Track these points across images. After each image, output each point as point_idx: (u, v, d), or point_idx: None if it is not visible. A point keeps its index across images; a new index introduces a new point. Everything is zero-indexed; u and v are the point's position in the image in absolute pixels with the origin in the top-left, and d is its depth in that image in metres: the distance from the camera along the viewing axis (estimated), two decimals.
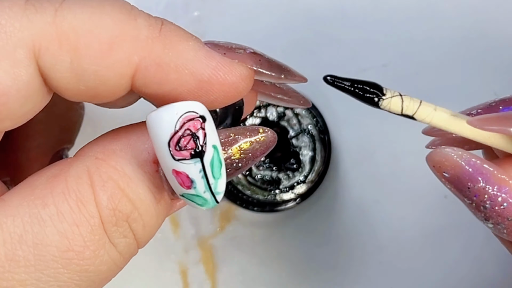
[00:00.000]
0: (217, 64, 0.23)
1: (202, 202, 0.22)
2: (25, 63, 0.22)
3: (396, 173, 0.39)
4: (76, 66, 0.22)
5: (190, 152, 0.21)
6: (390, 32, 0.39)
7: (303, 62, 0.40)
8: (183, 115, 0.21)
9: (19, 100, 0.22)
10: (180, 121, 0.21)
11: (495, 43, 0.39)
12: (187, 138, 0.21)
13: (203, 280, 0.40)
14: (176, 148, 0.21)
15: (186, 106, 0.21)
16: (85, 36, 0.22)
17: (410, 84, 0.39)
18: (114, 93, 0.23)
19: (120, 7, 0.22)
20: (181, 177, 0.22)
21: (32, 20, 0.21)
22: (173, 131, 0.21)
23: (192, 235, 0.40)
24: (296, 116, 0.38)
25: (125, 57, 0.22)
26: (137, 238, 0.23)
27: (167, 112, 0.21)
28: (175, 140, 0.21)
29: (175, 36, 0.23)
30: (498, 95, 0.39)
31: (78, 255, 0.22)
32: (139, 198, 0.23)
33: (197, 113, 0.21)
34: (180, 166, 0.21)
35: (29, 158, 0.30)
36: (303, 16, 0.40)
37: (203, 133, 0.22)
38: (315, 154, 0.38)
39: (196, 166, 0.22)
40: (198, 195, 0.22)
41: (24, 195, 0.22)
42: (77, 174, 0.22)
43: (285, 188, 0.38)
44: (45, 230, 0.21)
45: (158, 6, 0.40)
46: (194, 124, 0.21)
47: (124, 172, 0.22)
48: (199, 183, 0.22)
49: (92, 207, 0.22)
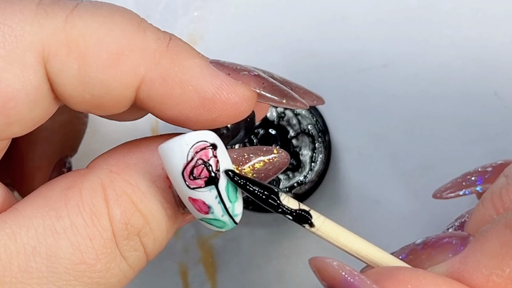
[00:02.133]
0: (221, 83, 0.23)
1: (221, 225, 0.23)
2: (34, 67, 0.22)
3: (396, 173, 0.39)
4: (83, 74, 0.22)
5: (204, 181, 0.22)
6: (390, 32, 0.39)
7: (303, 62, 0.40)
8: (194, 145, 0.22)
9: (28, 105, 0.22)
10: (192, 151, 0.22)
11: (495, 43, 0.39)
12: (200, 168, 0.22)
13: (203, 280, 0.40)
14: (190, 178, 0.22)
15: (196, 136, 0.22)
16: (94, 45, 0.22)
17: (410, 84, 0.39)
18: (118, 104, 0.23)
19: (130, 19, 0.23)
20: (198, 204, 0.22)
21: (42, 24, 0.22)
22: (185, 161, 0.21)
23: (192, 235, 0.40)
24: (296, 116, 0.38)
25: (132, 68, 0.22)
26: (147, 252, 0.23)
27: (177, 143, 0.22)
28: (188, 170, 0.22)
29: (182, 52, 0.23)
30: (498, 95, 0.39)
31: (90, 268, 0.22)
32: (151, 213, 0.23)
33: (208, 142, 0.22)
34: (196, 194, 0.22)
35: (33, 165, 0.30)
36: (303, 16, 0.40)
37: (215, 160, 0.22)
38: (315, 154, 0.38)
39: (212, 192, 0.22)
40: (217, 219, 0.23)
41: (38, 206, 0.22)
42: (91, 187, 0.22)
43: (285, 188, 0.38)
44: (59, 243, 0.21)
45: (158, 6, 0.40)
46: (206, 153, 0.22)
47: (138, 187, 0.23)
48: (216, 208, 0.22)
49: (105, 220, 0.22)
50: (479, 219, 0.24)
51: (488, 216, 0.24)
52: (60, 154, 0.30)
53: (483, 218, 0.24)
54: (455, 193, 0.30)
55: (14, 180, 0.30)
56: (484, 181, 0.30)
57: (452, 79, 0.39)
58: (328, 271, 0.23)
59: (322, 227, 0.24)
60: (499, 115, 0.39)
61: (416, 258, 0.24)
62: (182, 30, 0.39)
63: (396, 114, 0.39)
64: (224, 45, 0.40)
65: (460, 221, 0.28)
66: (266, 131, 0.38)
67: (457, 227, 0.28)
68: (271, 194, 0.23)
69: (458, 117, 0.39)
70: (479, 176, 0.30)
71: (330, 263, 0.23)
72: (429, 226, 0.39)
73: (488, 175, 0.30)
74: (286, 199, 0.23)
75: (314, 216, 0.24)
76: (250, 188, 0.23)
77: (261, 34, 0.40)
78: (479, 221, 0.24)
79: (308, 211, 0.24)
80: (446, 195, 0.31)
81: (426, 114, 0.39)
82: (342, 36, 0.39)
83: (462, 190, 0.30)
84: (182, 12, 0.40)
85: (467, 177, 0.30)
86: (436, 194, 0.31)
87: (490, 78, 0.39)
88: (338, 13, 0.39)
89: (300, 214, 0.24)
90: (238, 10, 0.40)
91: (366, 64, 0.39)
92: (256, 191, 0.23)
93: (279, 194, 0.23)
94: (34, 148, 0.30)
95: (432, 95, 0.39)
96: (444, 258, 0.23)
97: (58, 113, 0.26)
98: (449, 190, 0.31)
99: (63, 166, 0.30)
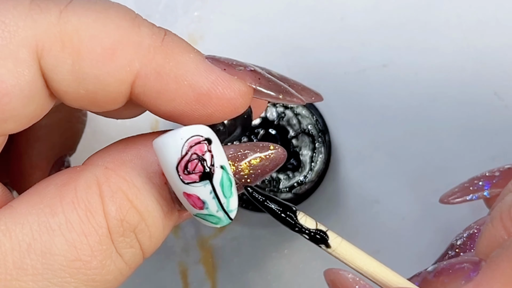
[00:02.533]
0: (216, 78, 0.23)
1: (216, 221, 0.23)
2: (28, 62, 0.22)
3: (396, 173, 0.39)
4: (77, 69, 0.22)
5: (199, 175, 0.22)
6: (390, 32, 0.39)
7: (303, 62, 0.40)
8: (188, 139, 0.21)
9: (22, 100, 0.22)
10: (186, 145, 0.21)
11: (495, 43, 0.39)
12: (195, 162, 0.22)
13: (203, 280, 0.40)
14: (185, 172, 0.22)
15: (191, 130, 0.22)
16: (88, 40, 0.22)
17: (410, 84, 0.39)
18: (113, 99, 0.23)
19: (124, 14, 0.23)
20: (192, 199, 0.22)
21: (36, 20, 0.21)
22: (179, 156, 0.21)
23: (192, 235, 0.40)
24: (296, 116, 0.38)
25: (126, 63, 0.22)
26: (143, 248, 0.23)
27: (172, 137, 0.22)
28: (182, 164, 0.21)
29: (177, 47, 0.23)
30: (498, 95, 0.39)
31: (85, 265, 0.22)
32: (147, 210, 0.23)
33: (202, 136, 0.22)
34: (190, 189, 0.22)
35: (31, 164, 0.30)
36: (303, 16, 0.40)
37: (210, 155, 0.22)
38: (315, 154, 0.38)
39: (206, 188, 0.22)
40: (211, 214, 0.23)
41: (33, 203, 0.22)
42: (86, 184, 0.22)
43: (285, 188, 0.38)
44: (54, 239, 0.21)
45: (158, 6, 0.40)
46: (200, 147, 0.22)
47: (133, 184, 0.23)
48: (211, 203, 0.22)
49: (100, 217, 0.22)
50: (490, 240, 0.24)
51: (499, 237, 0.23)
52: (58, 153, 0.30)
53: (494, 239, 0.24)
54: (462, 198, 0.30)
55: (13, 178, 0.30)
56: (491, 186, 0.30)
57: (452, 79, 0.39)
58: (342, 284, 0.23)
59: (338, 249, 0.24)
60: (499, 115, 0.39)
61: (429, 287, 0.24)
62: (182, 30, 0.39)
63: (396, 114, 0.39)
64: (224, 45, 0.40)
65: (469, 233, 0.28)
66: (266, 131, 0.38)
67: (466, 238, 0.28)
68: (289, 211, 0.23)
69: (458, 117, 0.39)
70: (486, 181, 0.30)
71: (345, 275, 0.23)
72: (429, 226, 0.39)
73: (495, 180, 0.30)
74: (304, 218, 0.23)
75: (331, 237, 0.24)
76: (268, 205, 0.23)
77: (261, 34, 0.40)
78: (489, 242, 0.24)
79: (325, 232, 0.24)
80: (452, 200, 0.31)
81: (426, 114, 0.39)
82: (342, 36, 0.39)
83: (470, 195, 0.30)
84: (182, 12, 0.40)
85: (474, 182, 0.30)
86: (443, 199, 0.31)
87: (490, 78, 0.39)
88: (338, 13, 0.39)
89: (317, 234, 0.24)
90: (238, 10, 0.40)
91: (366, 64, 0.39)
92: (274, 208, 0.23)
93: (296, 213, 0.23)
94: (32, 147, 0.30)
95: (432, 95, 0.39)
96: (457, 285, 0.23)
97: (56, 112, 0.26)
98: (456, 195, 0.31)
99: (62, 165, 0.30)
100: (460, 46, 0.39)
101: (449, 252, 0.28)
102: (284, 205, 0.23)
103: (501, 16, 0.39)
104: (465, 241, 0.28)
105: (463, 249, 0.28)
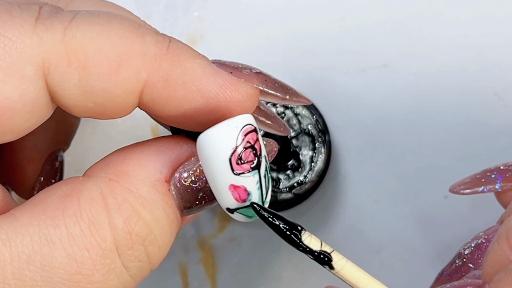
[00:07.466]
0: (224, 81, 0.23)
1: (252, 214, 0.23)
2: (33, 80, 0.22)
3: (396, 173, 0.39)
4: (85, 84, 0.22)
5: (251, 165, 0.22)
6: (390, 32, 0.39)
7: (303, 62, 0.40)
8: (243, 128, 0.21)
9: (24, 116, 0.22)
10: (241, 134, 0.21)
11: (495, 43, 0.39)
12: (248, 152, 0.22)
13: (203, 281, 0.40)
14: (238, 163, 0.21)
15: (244, 119, 0.22)
16: (93, 54, 0.22)
17: (410, 84, 0.39)
18: (122, 109, 0.23)
19: (128, 25, 0.23)
20: (239, 191, 0.22)
21: (42, 37, 0.22)
22: (234, 145, 0.21)
23: (192, 235, 0.40)
24: (296, 116, 0.38)
25: (133, 74, 0.22)
26: (151, 260, 0.23)
27: (227, 127, 0.21)
28: (236, 155, 0.21)
29: (183, 53, 0.23)
30: (498, 95, 0.39)
31: (86, 279, 0.21)
32: (155, 220, 0.23)
33: (253, 125, 0.22)
34: (240, 180, 0.22)
35: (24, 156, 0.30)
36: (303, 16, 0.40)
37: (259, 144, 0.22)
38: (315, 154, 0.38)
39: (255, 177, 0.22)
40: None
41: (36, 214, 0.22)
42: (90, 196, 0.22)
43: (285, 188, 0.38)
44: (54, 253, 0.21)
45: (158, 6, 0.40)
46: (253, 136, 0.22)
47: (139, 194, 0.22)
48: (255, 194, 0.22)
49: (105, 231, 0.22)
50: (495, 259, 0.23)
51: (505, 257, 0.23)
52: (52, 147, 0.30)
53: (499, 259, 0.23)
54: (472, 190, 0.30)
55: (5, 172, 0.30)
56: (504, 179, 0.29)
57: (452, 79, 0.39)
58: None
59: (342, 271, 0.23)
60: (499, 115, 0.39)
61: None
62: (182, 30, 0.39)
63: (396, 114, 0.39)
64: (224, 45, 0.40)
65: (477, 242, 0.27)
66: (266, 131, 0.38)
67: (474, 248, 0.28)
68: (294, 230, 0.23)
69: (458, 117, 0.39)
70: (499, 174, 0.29)
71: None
72: (429, 226, 0.39)
73: (509, 174, 0.29)
74: (309, 238, 0.23)
75: (335, 259, 0.23)
76: (274, 222, 0.23)
77: (261, 34, 0.40)
78: (495, 262, 0.23)
79: (330, 254, 0.23)
80: (463, 191, 0.30)
81: (426, 114, 0.39)
82: (342, 36, 0.39)
83: (481, 187, 0.30)
84: (182, 12, 0.40)
85: (486, 174, 0.30)
86: (453, 189, 0.30)
87: (490, 78, 0.39)
88: (338, 13, 0.39)
89: (321, 255, 0.23)
90: (238, 10, 0.40)
91: (366, 64, 0.39)
92: (280, 225, 0.23)
93: (301, 232, 0.23)
94: (26, 141, 0.30)
95: (432, 95, 0.39)
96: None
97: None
98: (466, 186, 0.30)
99: (55, 160, 0.30)
100: (460, 46, 0.39)
101: (457, 261, 0.28)
102: (290, 223, 0.23)
103: (502, 16, 0.39)
104: (473, 251, 0.27)
105: (470, 258, 0.28)
